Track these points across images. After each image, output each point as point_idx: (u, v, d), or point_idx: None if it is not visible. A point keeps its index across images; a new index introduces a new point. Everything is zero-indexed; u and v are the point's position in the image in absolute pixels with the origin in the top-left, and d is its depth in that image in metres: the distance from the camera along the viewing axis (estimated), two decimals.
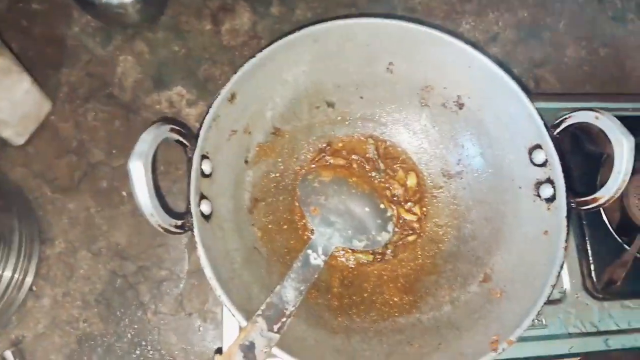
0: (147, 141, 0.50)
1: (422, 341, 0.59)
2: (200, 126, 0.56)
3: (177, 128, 0.54)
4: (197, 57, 0.91)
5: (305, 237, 0.68)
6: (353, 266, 0.68)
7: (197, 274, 0.82)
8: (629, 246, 0.77)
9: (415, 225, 0.70)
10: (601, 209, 0.78)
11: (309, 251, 0.61)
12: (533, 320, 0.56)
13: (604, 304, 0.76)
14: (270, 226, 0.66)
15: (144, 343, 0.79)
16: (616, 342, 0.75)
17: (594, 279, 0.76)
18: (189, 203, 0.54)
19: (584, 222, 0.78)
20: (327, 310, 0.63)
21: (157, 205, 0.50)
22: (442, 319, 0.62)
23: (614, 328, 0.76)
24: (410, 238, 0.69)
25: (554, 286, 0.56)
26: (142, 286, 0.81)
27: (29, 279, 0.79)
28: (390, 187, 0.70)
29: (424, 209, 0.70)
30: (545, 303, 0.56)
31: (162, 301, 0.81)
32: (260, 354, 0.51)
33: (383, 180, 0.71)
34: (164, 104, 0.87)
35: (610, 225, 0.79)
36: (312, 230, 0.67)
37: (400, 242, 0.69)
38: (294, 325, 0.58)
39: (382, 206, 0.69)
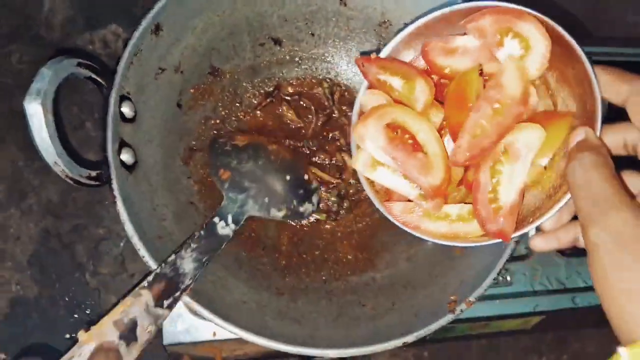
0: (47, 77, 0.42)
1: (375, 301, 0.54)
2: (118, 62, 0.48)
3: (87, 62, 0.46)
4: None
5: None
6: (304, 223, 0.61)
7: None
8: None
9: None
10: None
11: (216, 219, 0.52)
12: (497, 278, 0.51)
13: (572, 261, 0.72)
14: (209, 179, 0.59)
15: (82, 306, 0.73)
16: (583, 300, 0.71)
17: None
18: (105, 151, 0.47)
19: None
20: (274, 270, 0.58)
21: (61, 151, 0.43)
22: (398, 277, 0.57)
23: (582, 285, 0.72)
24: None
25: (518, 242, 0.51)
26: (79, 246, 0.74)
27: None
28: (344, 137, 0.63)
29: None
30: (509, 260, 0.51)
31: (102, 262, 0.74)
32: (144, 333, 0.43)
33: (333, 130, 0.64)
34: (97, 44, 0.78)
35: None
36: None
37: (356, 197, 0.63)
38: (232, 288, 0.53)
39: (305, 176, 0.61)
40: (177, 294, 0.45)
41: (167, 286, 0.45)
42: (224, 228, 0.51)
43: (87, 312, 0.73)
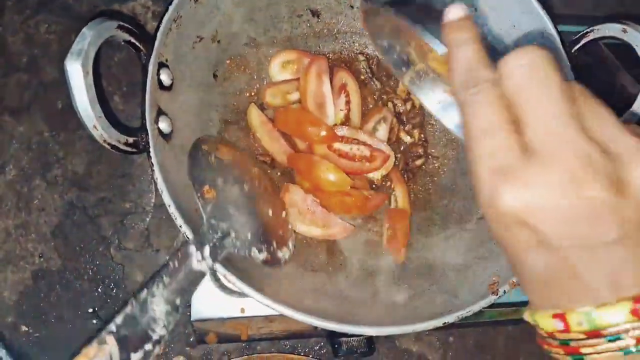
0: (88, 38, 0.41)
1: (412, 282, 0.53)
2: (158, 27, 0.47)
3: (127, 26, 0.45)
4: None
5: (286, 169, 0.60)
6: None
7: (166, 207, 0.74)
8: None
9: (420, 150, 0.61)
10: None
11: (192, 248, 0.43)
12: None
13: None
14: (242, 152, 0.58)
15: (106, 281, 0.72)
16: None
17: None
18: (144, 118, 0.45)
19: None
20: (307, 246, 0.56)
21: (100, 115, 0.42)
22: (435, 259, 0.55)
23: None
24: (418, 162, 0.62)
25: None
26: (104, 219, 0.73)
27: None
28: (394, 103, 0.61)
29: (422, 135, 0.62)
30: None
31: (127, 236, 0.73)
32: None
33: (384, 95, 0.62)
34: (125, 17, 0.76)
35: None
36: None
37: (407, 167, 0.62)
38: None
39: (283, 214, 0.54)
40: (149, 346, 0.38)
41: (136, 333, 0.37)
42: (200, 263, 0.42)
43: (111, 286, 0.72)
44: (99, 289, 0.72)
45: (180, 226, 0.45)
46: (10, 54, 0.76)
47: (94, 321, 0.71)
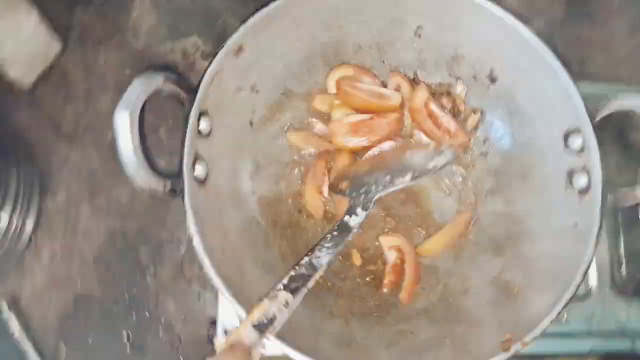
0: (137, 90, 0.45)
1: (428, 334, 0.54)
2: (201, 80, 0.51)
3: (173, 78, 0.49)
4: (217, 6, 0.85)
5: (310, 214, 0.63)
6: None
7: None
8: None
9: None
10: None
11: (346, 217, 0.55)
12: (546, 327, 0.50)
13: (633, 304, 0.70)
14: (272, 195, 0.61)
15: (141, 307, 0.76)
16: None
17: (624, 277, 0.70)
18: (181, 165, 0.49)
19: (619, 215, 0.71)
20: (327, 291, 0.59)
21: (143, 163, 0.45)
22: (451, 311, 0.57)
23: None
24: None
25: (579, 285, 0.50)
26: (143, 247, 0.77)
27: (27, 228, 0.76)
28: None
29: None
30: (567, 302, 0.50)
31: (162, 265, 0.77)
32: (280, 323, 0.45)
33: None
34: (177, 54, 0.81)
35: None
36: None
37: None
38: None
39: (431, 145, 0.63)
40: (311, 280, 0.48)
41: (302, 280, 0.47)
42: (355, 218, 0.55)
43: (146, 313, 0.76)
44: (133, 316, 0.75)
45: (206, 267, 0.48)
46: (70, 83, 0.82)
47: (127, 349, 0.74)
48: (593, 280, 0.70)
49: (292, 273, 0.47)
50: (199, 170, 0.51)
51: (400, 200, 0.63)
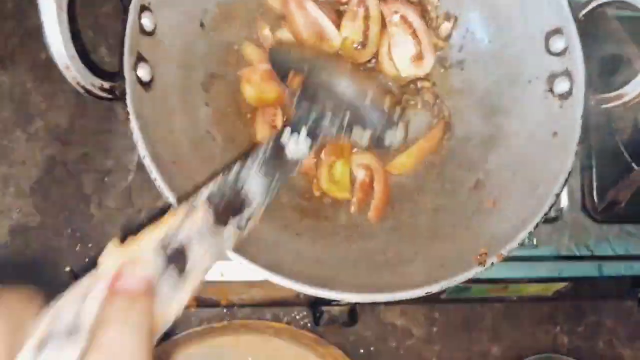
0: None
1: (397, 250, 0.51)
2: None
3: None
4: None
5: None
6: None
7: None
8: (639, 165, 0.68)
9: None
10: (615, 119, 0.69)
11: (286, 130, 0.43)
12: (523, 239, 0.47)
13: (603, 227, 0.68)
14: (229, 109, 0.55)
15: (86, 239, 0.70)
16: (610, 269, 0.68)
17: (595, 199, 0.68)
18: (122, 63, 0.43)
19: (591, 135, 0.69)
20: (292, 210, 0.54)
21: (74, 55, 0.39)
22: (423, 228, 0.53)
23: (610, 253, 0.68)
24: None
25: (558, 195, 0.48)
26: (85, 176, 0.71)
27: None
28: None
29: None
30: (546, 213, 0.47)
31: (108, 194, 0.71)
32: (202, 259, 0.33)
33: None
34: None
35: (621, 141, 0.69)
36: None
37: None
38: None
39: (387, 101, 0.52)
40: (247, 214, 0.37)
41: (231, 201, 0.36)
42: (296, 145, 0.43)
43: (89, 245, 0.70)
44: (77, 248, 0.70)
45: (155, 179, 0.43)
46: None
47: (71, 280, 0.69)
48: (564, 202, 0.68)
49: (218, 180, 0.37)
50: (143, 72, 0.45)
51: None
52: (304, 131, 0.44)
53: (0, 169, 0.70)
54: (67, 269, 0.68)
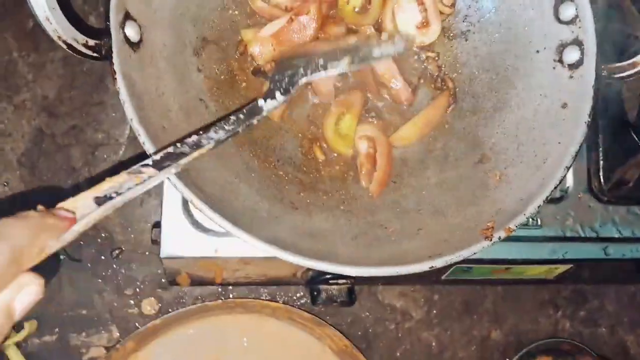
0: None
1: (398, 225, 0.49)
2: None
3: None
4: None
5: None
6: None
7: None
8: None
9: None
10: (623, 99, 0.66)
11: (261, 100, 0.45)
12: (533, 213, 0.45)
13: (609, 208, 0.66)
14: (223, 77, 0.53)
15: None
16: (616, 251, 0.65)
17: (602, 179, 0.65)
18: (107, 20, 0.40)
19: (598, 113, 0.66)
20: (289, 183, 0.52)
21: (55, 6, 0.36)
22: (425, 203, 0.51)
23: (616, 235, 0.66)
24: None
25: (568, 168, 0.45)
26: (74, 149, 0.68)
27: None
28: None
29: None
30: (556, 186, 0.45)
31: (97, 168, 0.68)
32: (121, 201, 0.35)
33: None
34: None
35: (630, 118, 0.67)
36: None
37: None
38: (242, 194, 0.47)
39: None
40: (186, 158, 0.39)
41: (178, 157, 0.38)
42: (270, 103, 0.45)
43: None
44: None
45: (144, 143, 0.40)
46: None
47: (61, 256, 0.67)
48: (569, 181, 0.65)
49: (170, 150, 0.38)
50: (131, 31, 0.43)
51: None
52: (278, 94, 0.46)
53: None
54: None
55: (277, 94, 0.46)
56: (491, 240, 0.43)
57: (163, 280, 0.67)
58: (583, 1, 0.48)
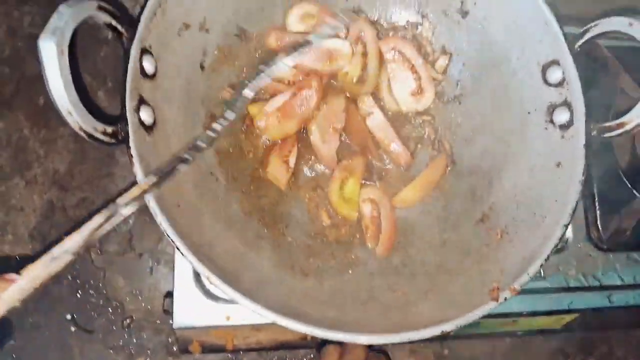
0: (65, 16, 0.38)
1: (406, 288, 0.50)
2: (141, 12, 0.44)
3: (108, 7, 0.42)
4: None
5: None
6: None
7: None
8: None
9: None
10: (613, 150, 0.69)
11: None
12: (536, 272, 0.47)
13: (609, 256, 0.67)
14: (231, 150, 0.55)
15: (86, 286, 0.69)
16: (620, 299, 0.66)
17: (600, 228, 0.67)
18: (124, 107, 0.43)
19: (592, 165, 0.69)
20: (298, 249, 0.53)
21: (76, 100, 0.39)
22: (431, 264, 0.52)
23: (618, 283, 0.67)
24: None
25: (567, 226, 0.47)
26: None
27: None
28: None
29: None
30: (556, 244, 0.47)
31: (108, 239, 0.70)
32: None
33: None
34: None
35: (622, 170, 0.69)
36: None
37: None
38: (253, 264, 0.48)
39: None
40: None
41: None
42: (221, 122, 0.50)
43: (90, 292, 0.69)
44: (78, 294, 0.68)
45: (160, 223, 0.42)
46: None
47: (72, 328, 0.67)
48: (568, 232, 0.67)
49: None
50: (145, 115, 0.45)
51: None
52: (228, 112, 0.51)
53: None
54: (69, 316, 0.67)
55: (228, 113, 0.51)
56: (497, 301, 0.44)
57: (174, 348, 0.67)
58: (569, 65, 0.50)
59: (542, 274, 0.65)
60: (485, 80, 0.58)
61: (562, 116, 0.51)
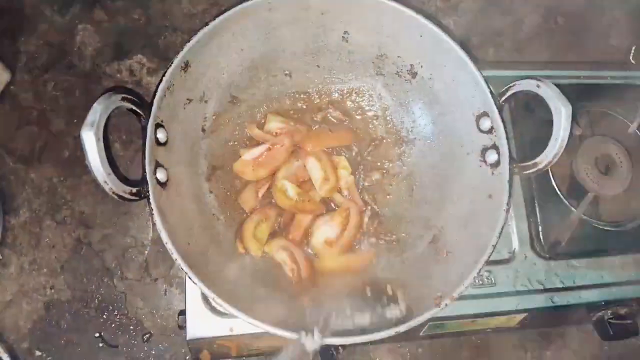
0: (98, 111, 0.51)
1: (372, 303, 0.62)
2: (154, 95, 0.57)
3: (130, 97, 0.55)
4: (157, 25, 0.91)
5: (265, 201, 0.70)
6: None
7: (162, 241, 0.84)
8: (576, 208, 0.80)
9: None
10: (550, 173, 0.81)
11: (303, 339, 0.55)
12: (481, 279, 0.59)
13: (551, 264, 0.79)
14: (228, 193, 0.68)
15: (110, 308, 0.81)
16: (561, 299, 0.78)
17: (542, 240, 0.80)
18: (144, 171, 0.55)
19: (534, 186, 0.81)
20: (283, 276, 0.66)
21: (110, 172, 0.51)
22: (394, 279, 0.65)
23: (560, 286, 0.79)
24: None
25: (494, 246, 0.59)
26: (108, 253, 0.83)
27: None
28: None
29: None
30: (493, 262, 0.59)
31: (128, 267, 0.83)
32: None
33: None
34: (124, 73, 0.87)
35: (559, 189, 0.82)
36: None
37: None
38: (248, 285, 0.61)
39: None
40: None
41: None
42: (312, 345, 0.55)
43: (115, 313, 0.81)
44: (104, 315, 0.81)
45: (176, 259, 0.54)
46: (22, 109, 0.86)
47: (100, 344, 0.80)
48: (515, 244, 0.79)
49: None
50: (160, 175, 0.57)
51: None
52: (316, 334, 0.55)
53: (33, 253, 0.81)
54: (97, 334, 0.79)
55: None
56: (439, 307, 0.57)
57: (187, 357, 0.80)
58: (496, 116, 0.63)
59: (494, 281, 0.78)
60: (434, 129, 0.71)
61: (492, 157, 0.64)
